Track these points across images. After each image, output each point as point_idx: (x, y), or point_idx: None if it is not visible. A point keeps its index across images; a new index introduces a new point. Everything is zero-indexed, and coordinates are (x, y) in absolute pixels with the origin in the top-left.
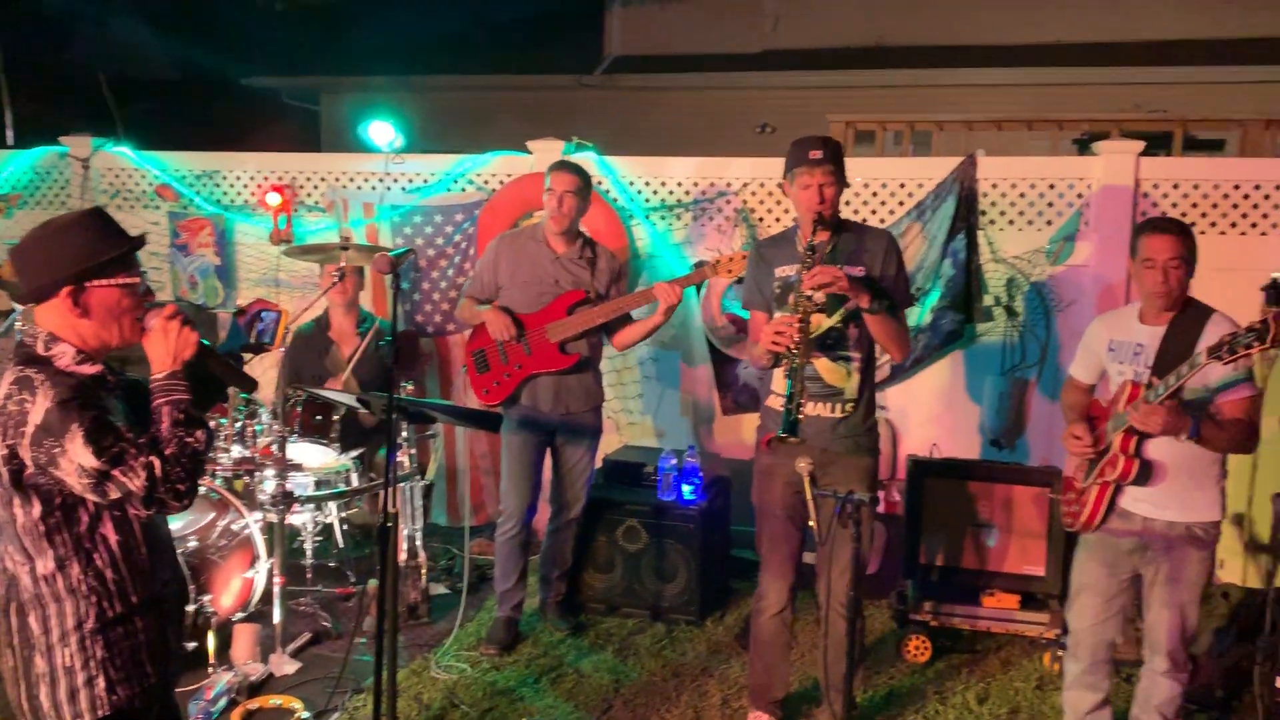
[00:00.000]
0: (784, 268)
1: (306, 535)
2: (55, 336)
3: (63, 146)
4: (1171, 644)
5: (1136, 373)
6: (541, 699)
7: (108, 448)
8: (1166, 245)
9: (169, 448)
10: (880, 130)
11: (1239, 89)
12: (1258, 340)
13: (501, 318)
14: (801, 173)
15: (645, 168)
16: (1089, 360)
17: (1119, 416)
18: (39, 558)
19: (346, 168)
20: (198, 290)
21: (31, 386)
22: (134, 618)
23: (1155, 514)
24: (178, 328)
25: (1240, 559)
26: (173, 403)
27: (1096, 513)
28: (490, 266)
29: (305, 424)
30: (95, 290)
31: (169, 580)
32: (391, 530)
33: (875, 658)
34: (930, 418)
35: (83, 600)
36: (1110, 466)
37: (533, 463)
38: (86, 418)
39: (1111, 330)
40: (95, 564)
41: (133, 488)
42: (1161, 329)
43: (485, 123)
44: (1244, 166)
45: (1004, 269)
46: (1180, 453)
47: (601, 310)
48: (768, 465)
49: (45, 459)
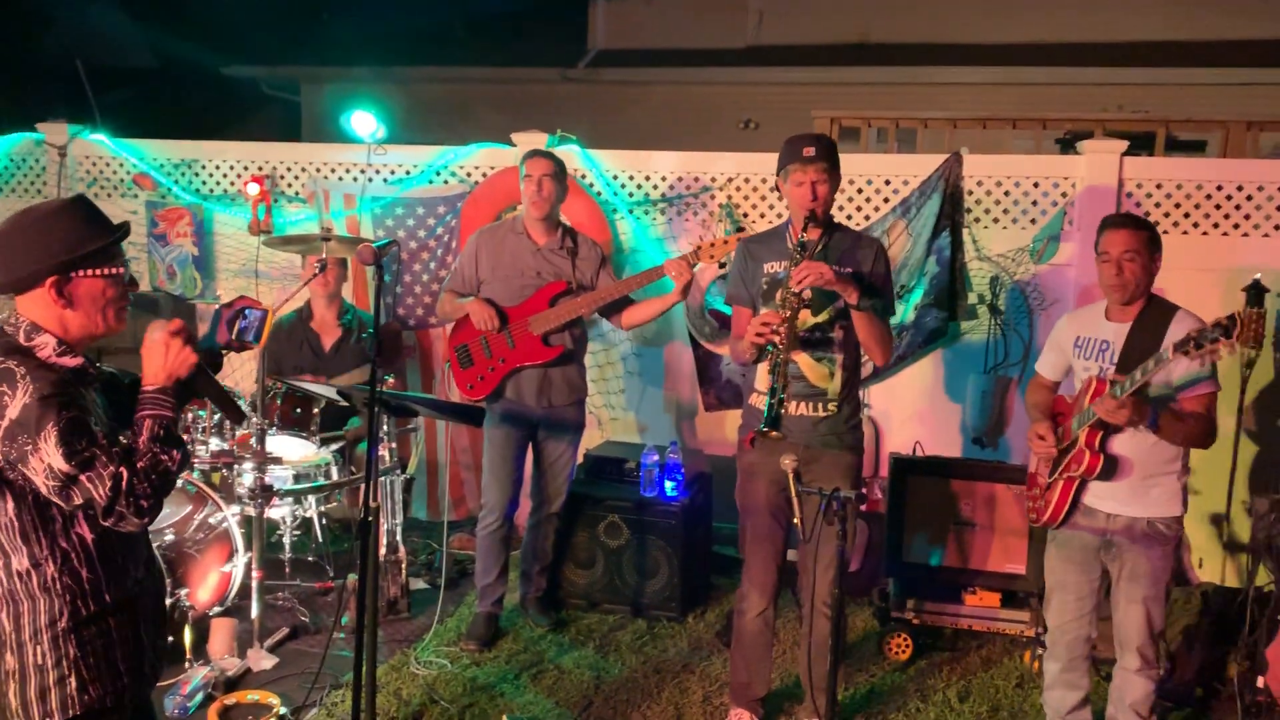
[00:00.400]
0: (772, 264)
1: (285, 529)
2: (37, 327)
3: (39, 134)
4: (1140, 640)
5: (1102, 369)
6: (522, 695)
7: (79, 451)
8: (1120, 239)
9: (141, 461)
10: (865, 127)
11: (1221, 90)
12: (1224, 336)
13: (485, 308)
14: (795, 169)
15: (629, 161)
16: (1055, 357)
17: (1085, 412)
18: (14, 554)
19: (328, 158)
20: (176, 280)
21: (12, 379)
22: (107, 617)
23: (1118, 509)
24: (179, 345)
25: (1219, 558)
26: (155, 418)
27: (1061, 508)
28: (470, 260)
29: (284, 416)
30: (81, 281)
31: (142, 579)
32: (372, 524)
33: (857, 656)
34: (913, 415)
35: (57, 599)
36: (1075, 462)
37: (514, 457)
38: (64, 418)
39: (1078, 327)
40: (71, 562)
41: (95, 495)
42: (1127, 326)
43: (468, 115)
44: (1226, 167)
45: (988, 267)
46: (1143, 449)
47: (585, 300)
48: (751, 463)
49: (16, 455)
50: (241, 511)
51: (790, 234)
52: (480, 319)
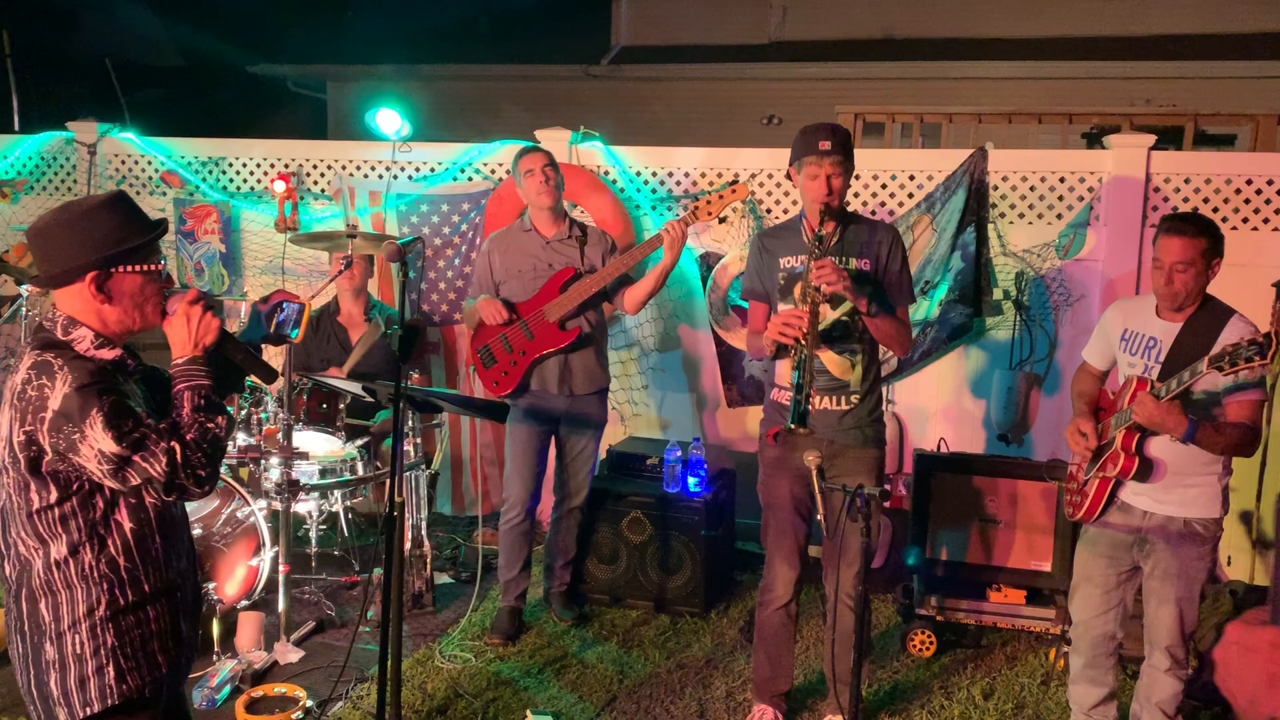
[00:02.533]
0: (788, 258)
1: (311, 524)
2: (75, 320)
3: (69, 132)
4: (1170, 640)
5: (1146, 367)
6: (545, 690)
7: (128, 433)
8: (1176, 248)
9: (190, 433)
10: (889, 122)
11: (1251, 84)
12: (1259, 355)
13: (491, 302)
14: (810, 162)
15: (653, 158)
16: (1103, 345)
17: (1123, 412)
18: (53, 542)
19: (353, 155)
20: (203, 277)
21: (50, 371)
22: (146, 606)
23: (1155, 508)
24: (200, 313)
25: (1248, 556)
26: (194, 388)
27: (1096, 505)
28: (485, 267)
29: (311, 412)
30: (121, 277)
31: (184, 570)
32: (398, 519)
33: (880, 652)
34: (937, 412)
35: (94, 587)
36: (1111, 462)
37: (537, 451)
38: (106, 403)
39: (1128, 319)
40: (109, 550)
41: (154, 473)
42: (1177, 325)
43: (492, 112)
44: (1255, 161)
45: (1013, 262)
46: (1181, 451)
47: (594, 279)
48: (774, 458)
49: (65, 445)
50: (268, 506)
51: (805, 227)
52: (489, 314)
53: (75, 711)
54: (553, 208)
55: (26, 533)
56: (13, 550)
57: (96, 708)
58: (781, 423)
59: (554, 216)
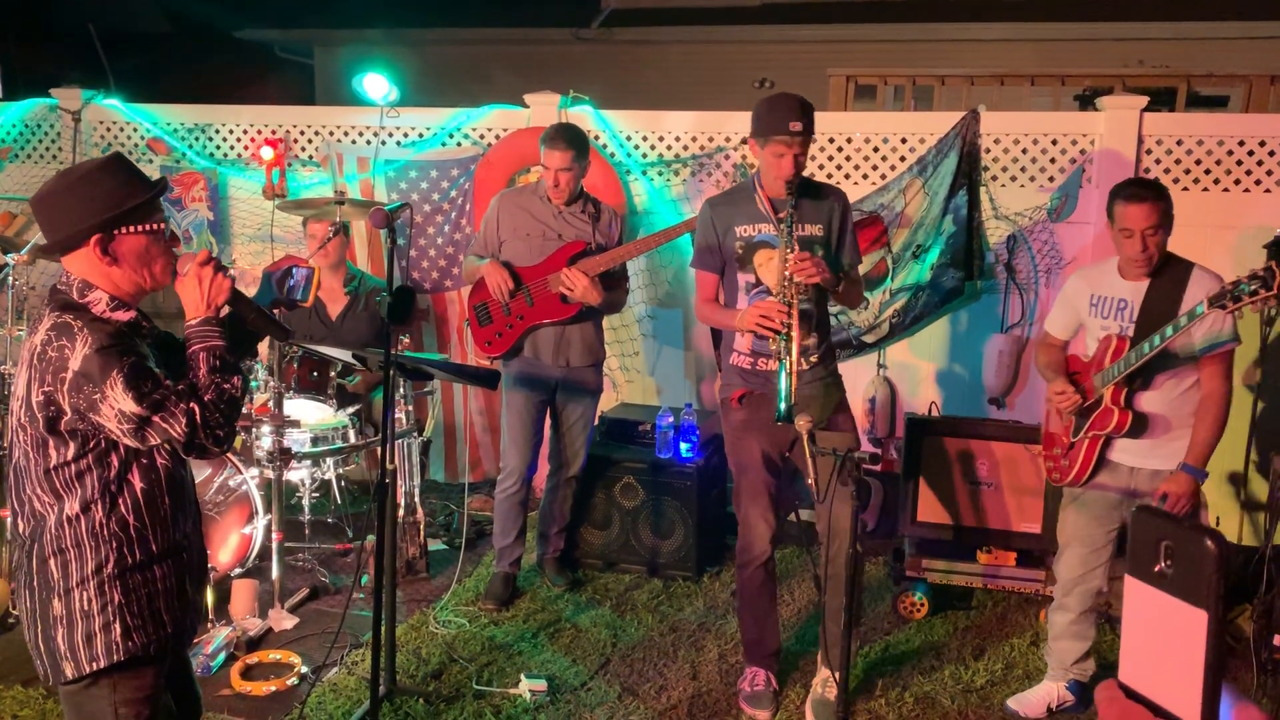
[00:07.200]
0: (745, 227)
1: (304, 491)
2: (89, 284)
3: (53, 99)
4: None
5: (1122, 327)
6: (539, 654)
7: (148, 393)
8: (1143, 214)
9: (207, 394)
10: (881, 84)
11: (1244, 45)
12: (1263, 287)
13: (499, 272)
14: (779, 140)
15: (643, 122)
16: (1067, 316)
17: (1107, 370)
18: (68, 497)
19: (341, 121)
20: (192, 245)
21: (70, 333)
22: (153, 566)
23: (1141, 463)
24: (211, 273)
25: (1237, 517)
26: (209, 349)
27: (1087, 467)
28: (492, 223)
29: (301, 380)
30: (124, 238)
31: (190, 532)
32: (390, 486)
33: (871, 614)
34: (929, 376)
35: (104, 545)
36: (1102, 420)
37: (534, 420)
38: (126, 364)
39: (1093, 285)
40: (119, 509)
41: (174, 434)
42: (1144, 285)
43: (481, 76)
44: (1248, 123)
45: (1005, 225)
46: (1171, 403)
47: (603, 258)
48: (741, 420)
49: (85, 405)
50: (261, 474)
51: (760, 197)
52: (495, 284)
53: (81, 666)
54: (563, 204)
55: (43, 488)
56: (26, 507)
57: (102, 663)
58: (743, 387)
59: (569, 196)
